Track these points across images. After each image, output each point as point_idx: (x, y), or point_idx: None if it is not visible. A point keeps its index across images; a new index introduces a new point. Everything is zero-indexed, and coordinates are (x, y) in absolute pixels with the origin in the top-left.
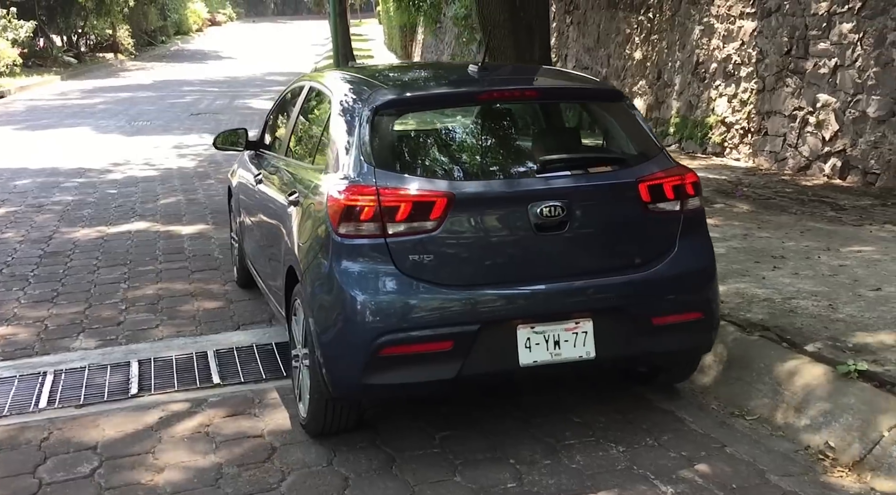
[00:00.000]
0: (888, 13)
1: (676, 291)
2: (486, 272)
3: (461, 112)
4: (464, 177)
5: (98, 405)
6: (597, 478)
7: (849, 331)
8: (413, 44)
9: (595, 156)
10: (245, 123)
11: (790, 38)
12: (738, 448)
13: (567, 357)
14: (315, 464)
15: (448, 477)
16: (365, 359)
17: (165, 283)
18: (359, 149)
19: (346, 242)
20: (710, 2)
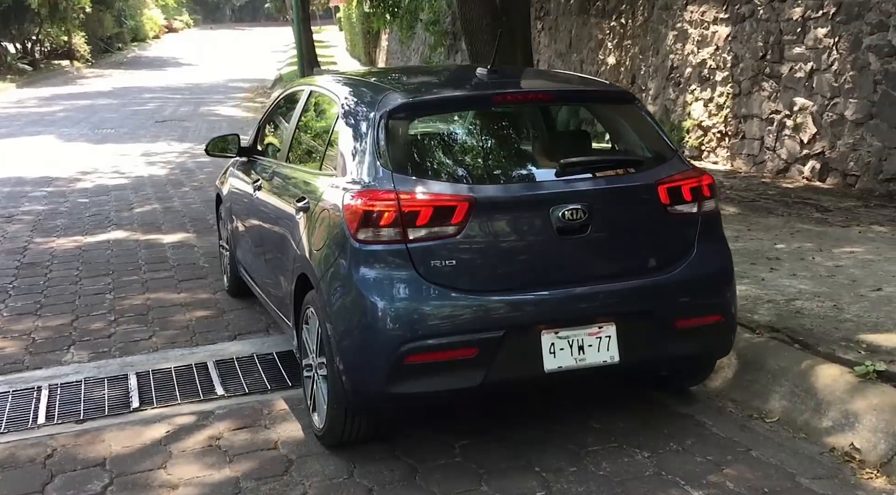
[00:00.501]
0: (863, 18)
1: (697, 294)
2: (508, 277)
3: (473, 115)
4: (483, 181)
5: (100, 420)
6: (626, 485)
7: (859, 331)
8: (377, 50)
9: (614, 158)
10: (214, 130)
11: (765, 42)
12: (763, 451)
13: (591, 362)
14: (335, 476)
15: (474, 486)
16: (388, 367)
17: (153, 293)
18: (373, 154)
19: (366, 248)
20: (683, 7)
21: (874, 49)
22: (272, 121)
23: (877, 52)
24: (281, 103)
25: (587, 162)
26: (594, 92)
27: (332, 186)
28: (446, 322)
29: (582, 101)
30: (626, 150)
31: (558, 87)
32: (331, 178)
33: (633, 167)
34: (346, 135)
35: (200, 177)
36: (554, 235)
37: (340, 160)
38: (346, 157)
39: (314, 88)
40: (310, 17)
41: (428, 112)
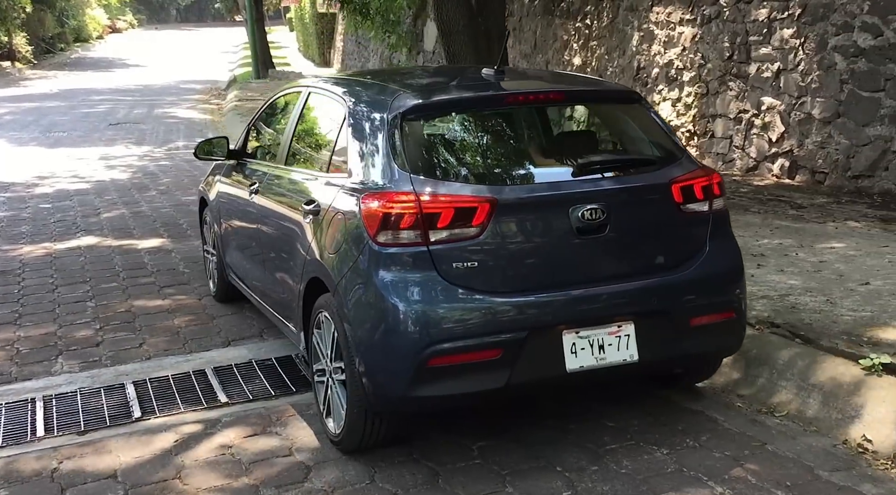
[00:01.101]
0: (828, 19)
1: (711, 291)
2: (529, 277)
3: (485, 115)
4: (502, 182)
5: (102, 430)
6: (650, 482)
7: (857, 325)
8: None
9: (629, 158)
10: (172, 133)
11: (731, 43)
12: (778, 445)
13: (612, 361)
14: (357, 482)
15: (499, 488)
16: (412, 370)
17: (136, 300)
18: (388, 156)
19: (386, 251)
20: (649, 9)
21: (840, 49)
22: (264, 124)
23: (842, 53)
24: (273, 106)
25: (604, 161)
26: (603, 91)
27: (344, 189)
28: (470, 324)
29: (592, 101)
30: (637, 150)
31: (568, 87)
32: (341, 181)
33: (647, 166)
34: (355, 138)
35: (165, 181)
36: (573, 235)
37: (351, 163)
38: (357, 160)
39: (313, 90)
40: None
41: (441, 113)
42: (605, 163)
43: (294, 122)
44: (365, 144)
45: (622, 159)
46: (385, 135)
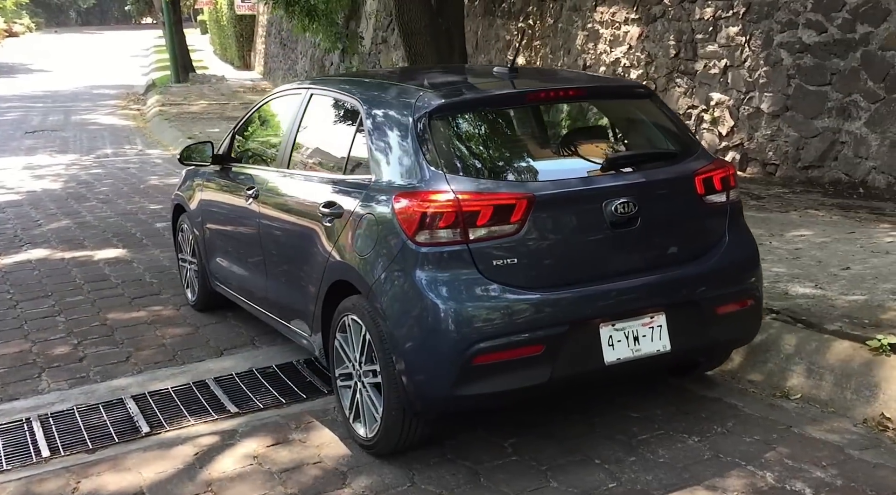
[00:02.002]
0: (772, 17)
1: (733, 280)
2: (567, 272)
3: (509, 113)
4: (537, 178)
5: (112, 447)
6: (691, 470)
7: (855, 308)
8: (252, 54)
9: (655, 151)
10: (97, 140)
11: (677, 41)
12: (802, 427)
13: (646, 352)
14: (398, 485)
15: (543, 484)
16: (457, 369)
17: (109, 313)
18: (419, 155)
19: (425, 251)
20: (593, 9)
21: (786, 46)
22: (255, 128)
23: (788, 49)
24: (265, 110)
25: (632, 156)
26: (618, 86)
27: (369, 190)
28: (513, 320)
29: (609, 97)
30: (659, 143)
31: (587, 83)
32: (364, 182)
33: (670, 159)
34: (377, 138)
35: (103, 189)
36: (607, 229)
37: (374, 163)
38: (381, 160)
39: (317, 92)
40: (182, 20)
41: (467, 111)
42: (633, 157)
43: (295, 124)
44: (389, 144)
45: (649, 153)
46: (413, 135)
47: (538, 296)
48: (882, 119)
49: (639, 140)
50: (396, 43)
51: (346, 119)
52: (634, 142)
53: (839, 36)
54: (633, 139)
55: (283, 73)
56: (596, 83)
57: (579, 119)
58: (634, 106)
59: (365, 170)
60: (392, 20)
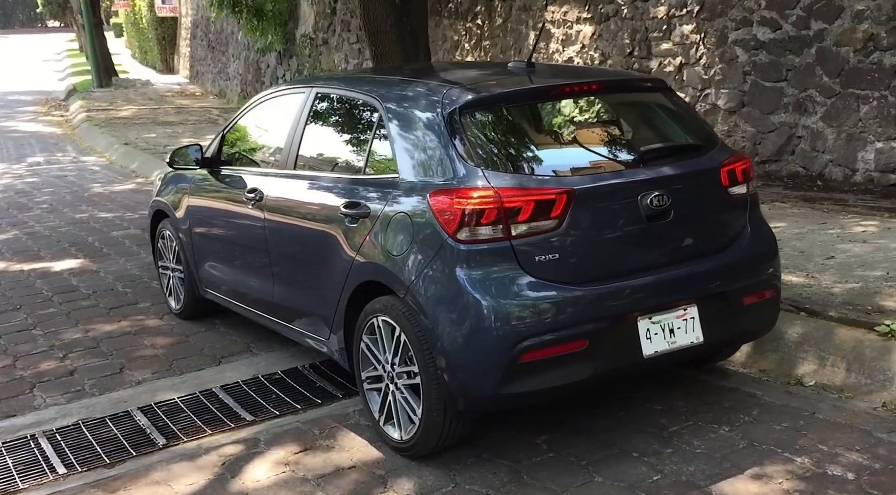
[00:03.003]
0: (727, 15)
1: (756, 271)
2: (605, 266)
3: (536, 108)
4: (574, 173)
5: (130, 461)
6: (730, 459)
7: (853, 296)
8: (175, 57)
9: (683, 144)
10: (25, 148)
11: (631, 40)
12: (826, 413)
13: (681, 344)
14: (441, 487)
15: (587, 479)
16: (504, 368)
17: (88, 325)
18: (452, 151)
19: (468, 248)
20: (543, 8)
21: (740, 43)
22: (249, 129)
23: (743, 46)
24: (260, 111)
25: (663, 148)
26: (636, 79)
27: (399, 189)
28: (557, 316)
29: (628, 90)
30: (683, 136)
31: (606, 77)
32: (392, 181)
33: (696, 152)
34: (402, 136)
35: (45, 198)
36: (643, 222)
37: (400, 162)
38: (408, 158)
39: (322, 91)
40: (102, 23)
41: (495, 106)
42: (664, 149)
43: (299, 125)
44: (416, 142)
45: (679, 145)
46: (443, 131)
47: (581, 291)
48: (838, 113)
49: (663, 132)
50: (338, 44)
51: (362, 117)
52: (660, 134)
53: (794, 33)
54: (657, 132)
55: (213, 76)
56: (617, 77)
57: (604, 112)
58: (653, 98)
59: (388, 169)
60: (333, 22)
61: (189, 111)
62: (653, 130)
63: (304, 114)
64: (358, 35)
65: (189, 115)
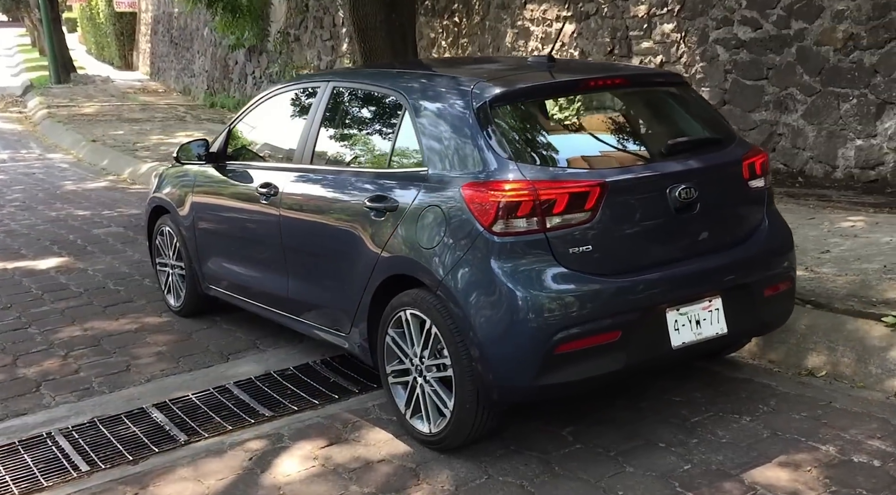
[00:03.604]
0: (707, 14)
1: (775, 263)
2: (636, 257)
3: (565, 101)
4: (604, 165)
5: (154, 458)
6: (756, 448)
7: (856, 288)
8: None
9: (707, 137)
10: None
11: (612, 38)
12: (842, 402)
13: (707, 335)
14: (475, 478)
15: (619, 469)
16: (541, 359)
17: (86, 323)
18: (483, 144)
19: (503, 240)
20: (522, 6)
21: (721, 42)
22: (259, 124)
23: (724, 45)
24: (271, 106)
25: (689, 141)
26: (657, 74)
27: (430, 182)
28: (592, 307)
29: (649, 85)
30: (705, 130)
31: (631, 72)
32: (420, 174)
33: (718, 145)
34: (431, 129)
35: (16, 196)
36: (671, 214)
37: (429, 155)
38: (438, 151)
39: (340, 85)
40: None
41: (525, 99)
42: (689, 143)
43: (316, 119)
44: (446, 135)
45: (704, 139)
46: (474, 124)
47: (613, 283)
48: (818, 111)
49: (685, 126)
50: (310, 41)
51: (385, 112)
52: (682, 128)
53: (774, 32)
54: (680, 125)
55: (177, 73)
56: (638, 71)
57: (629, 106)
58: (672, 93)
59: (416, 163)
60: (305, 19)
61: (155, 108)
62: (675, 124)
63: (321, 108)
64: (331, 32)
65: (155, 112)
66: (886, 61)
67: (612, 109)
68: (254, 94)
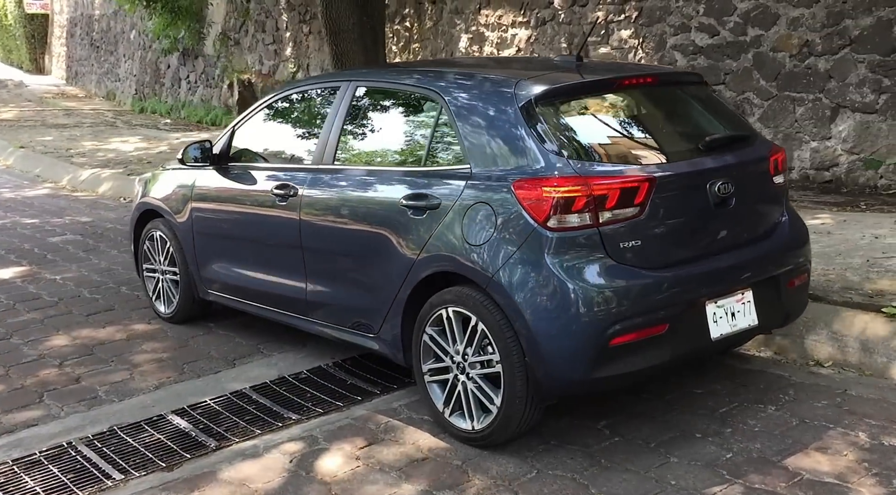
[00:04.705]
0: (665, 20)
1: (796, 256)
2: (680, 251)
3: (603, 99)
4: (650, 161)
5: (188, 464)
6: (789, 436)
7: (848, 281)
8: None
9: (739, 134)
10: None
11: (569, 44)
12: (857, 390)
13: (741, 327)
14: (526, 473)
15: (664, 460)
16: (597, 351)
17: (71, 332)
18: (532, 141)
19: (559, 236)
20: (477, 12)
21: (679, 48)
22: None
23: (682, 51)
24: (281, 106)
25: (724, 138)
26: (680, 74)
27: (475, 179)
28: (643, 300)
29: (675, 84)
30: (733, 127)
31: (659, 71)
32: (463, 172)
33: (747, 142)
34: (473, 128)
35: None
36: (711, 208)
37: (474, 152)
38: (482, 149)
39: (365, 85)
40: None
41: (567, 96)
42: (723, 139)
43: (338, 119)
44: (490, 133)
45: (737, 135)
46: (521, 122)
47: (662, 276)
48: (775, 114)
49: (715, 123)
50: (251, 45)
51: (417, 110)
52: (713, 125)
53: (731, 38)
54: (710, 122)
55: (98, 77)
56: (664, 70)
57: (662, 104)
58: (696, 92)
59: (455, 160)
60: (245, 22)
61: (80, 114)
62: (705, 121)
63: (343, 108)
64: (274, 36)
65: (82, 117)
66: (840, 67)
67: (645, 107)
68: (188, 98)
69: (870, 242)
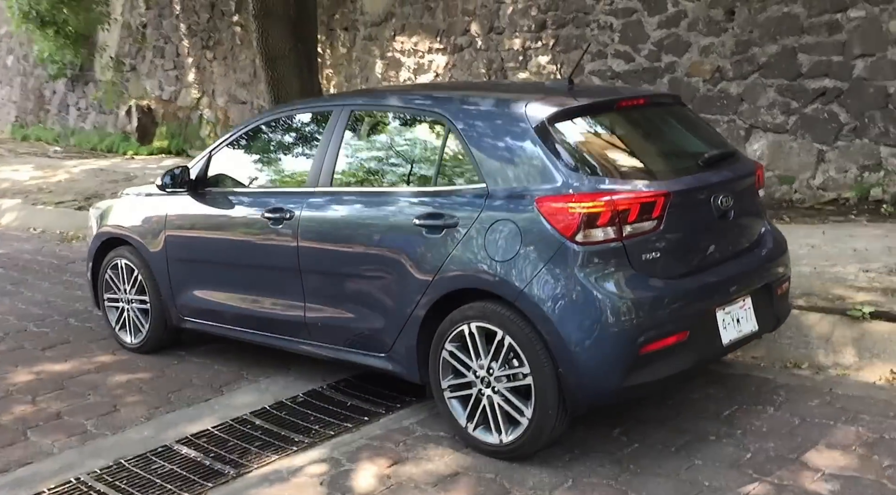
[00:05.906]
0: (581, 47)
1: (781, 263)
2: (693, 261)
3: (606, 118)
4: (662, 176)
5: (213, 491)
6: (798, 435)
7: (806, 287)
8: None
9: (728, 150)
10: None
11: (487, 69)
12: (841, 389)
13: (744, 332)
14: (562, 483)
15: (690, 462)
16: (630, 360)
17: (32, 367)
18: (550, 160)
19: (586, 250)
20: (392, 39)
21: (597, 73)
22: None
23: (600, 76)
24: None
25: (718, 155)
26: (663, 95)
27: (495, 198)
28: (667, 309)
29: (660, 106)
30: (721, 144)
31: (647, 93)
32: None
33: (735, 157)
34: (487, 148)
35: None
36: (715, 220)
37: (490, 171)
38: (498, 168)
39: (362, 107)
40: None
41: (576, 117)
42: (718, 156)
43: (333, 142)
44: (504, 153)
45: (726, 152)
46: (536, 142)
47: (681, 285)
48: None
49: (706, 141)
50: (150, 71)
51: (423, 132)
52: (705, 142)
53: (647, 65)
54: (702, 140)
55: None
56: (651, 93)
57: (658, 123)
58: (680, 112)
59: (469, 180)
60: (142, 48)
61: None
62: (696, 138)
63: (339, 131)
64: (175, 62)
65: None
66: (751, 91)
67: (642, 126)
68: (78, 125)
69: (808, 252)
